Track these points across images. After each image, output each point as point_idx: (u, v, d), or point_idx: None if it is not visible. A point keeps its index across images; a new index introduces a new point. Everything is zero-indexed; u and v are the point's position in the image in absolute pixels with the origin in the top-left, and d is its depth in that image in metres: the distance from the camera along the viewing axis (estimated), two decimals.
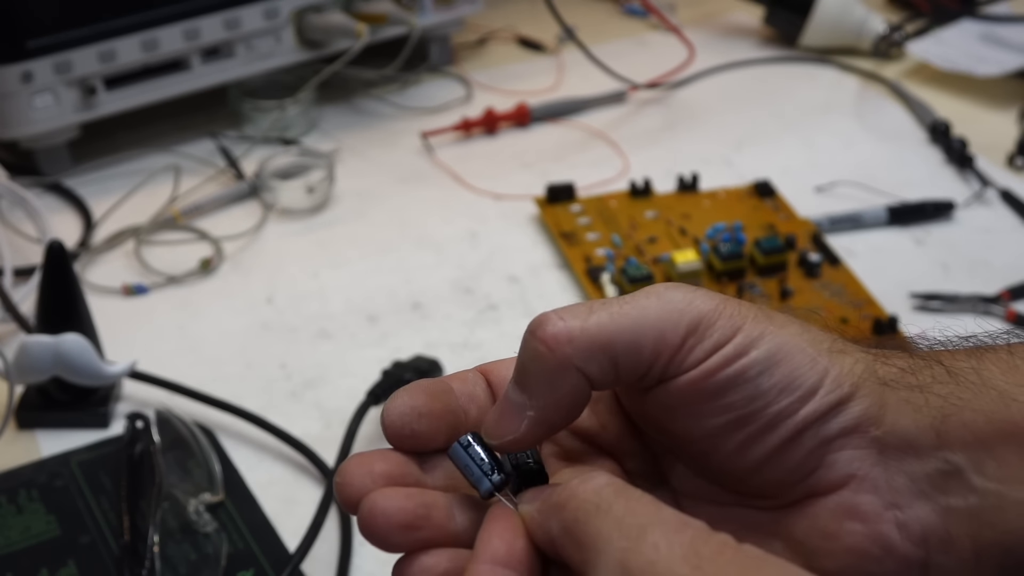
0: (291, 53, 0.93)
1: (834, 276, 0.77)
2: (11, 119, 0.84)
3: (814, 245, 0.80)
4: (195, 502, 0.60)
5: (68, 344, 0.63)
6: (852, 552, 0.34)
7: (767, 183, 0.86)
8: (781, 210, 0.84)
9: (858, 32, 1.06)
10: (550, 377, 0.35)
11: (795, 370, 0.35)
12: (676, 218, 0.83)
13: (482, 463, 0.35)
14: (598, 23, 1.13)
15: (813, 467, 0.35)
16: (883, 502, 0.35)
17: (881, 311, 0.74)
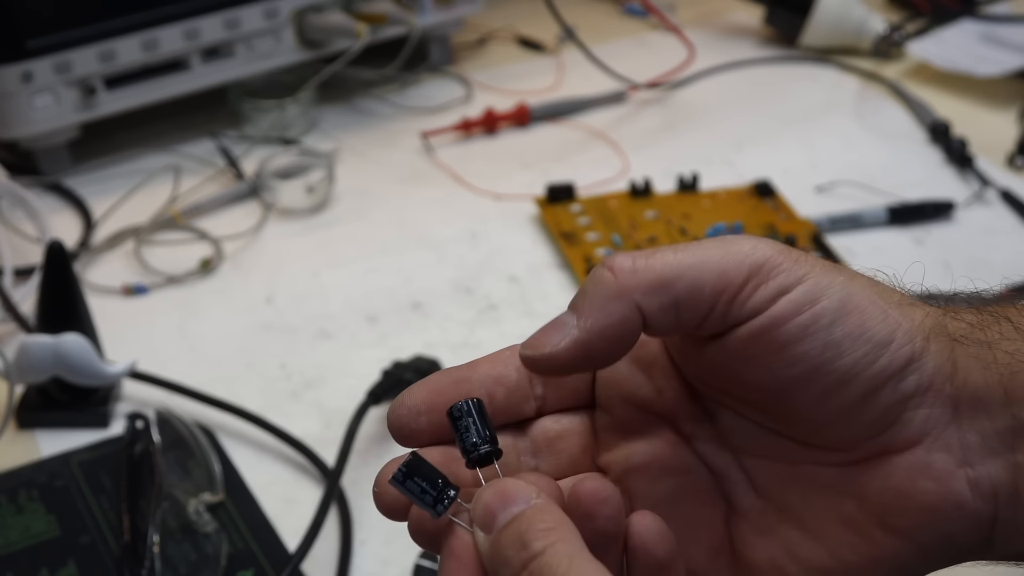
0: (291, 53, 0.93)
1: None
2: (11, 119, 0.84)
3: (814, 245, 0.80)
4: (195, 502, 0.60)
5: (68, 344, 0.63)
6: (924, 509, 0.34)
7: (767, 183, 0.86)
8: (781, 210, 0.84)
9: (858, 32, 1.06)
10: (605, 302, 0.34)
11: (866, 321, 0.35)
12: (676, 218, 0.83)
13: (422, 493, 0.34)
14: (598, 23, 1.13)
15: (889, 423, 0.35)
16: (955, 460, 0.34)
17: None
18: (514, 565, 0.32)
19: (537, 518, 0.32)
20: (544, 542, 0.31)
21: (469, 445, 0.35)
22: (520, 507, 0.33)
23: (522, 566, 0.31)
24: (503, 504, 0.33)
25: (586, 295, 0.35)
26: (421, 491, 0.34)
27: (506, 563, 0.32)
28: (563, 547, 0.31)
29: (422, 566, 0.58)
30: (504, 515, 0.33)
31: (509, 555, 0.32)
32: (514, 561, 0.32)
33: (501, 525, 0.33)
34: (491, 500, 0.33)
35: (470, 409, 0.35)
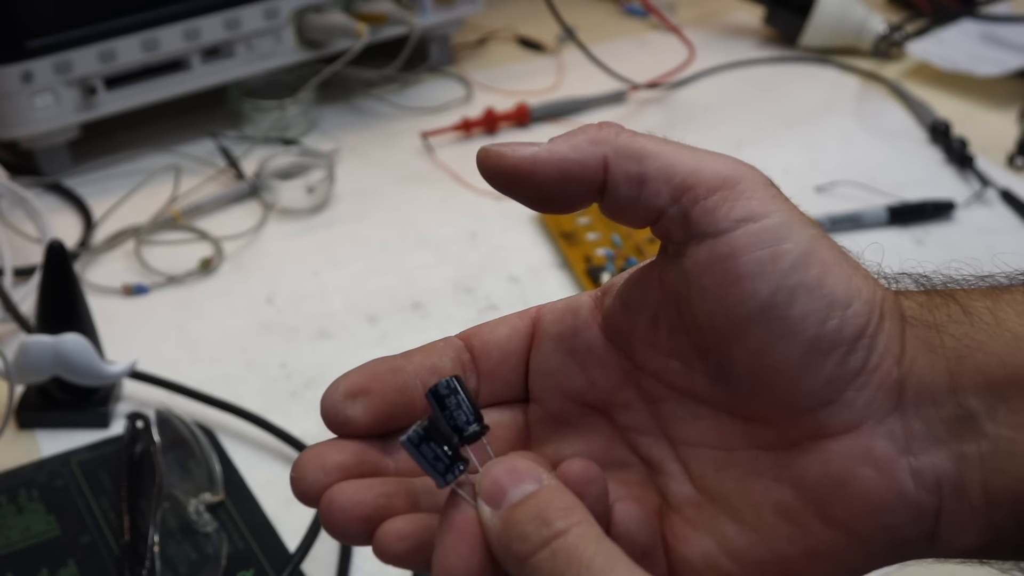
0: (291, 53, 0.93)
1: None
2: (11, 119, 0.84)
3: None
4: (195, 502, 0.60)
5: (68, 344, 0.63)
6: (864, 499, 0.33)
7: None
8: None
9: (858, 32, 1.06)
10: (579, 141, 0.35)
11: (827, 278, 0.33)
12: None
13: (435, 459, 0.33)
14: (598, 23, 1.13)
15: (829, 399, 0.33)
16: (898, 448, 0.33)
17: None
18: (534, 541, 0.31)
19: (555, 498, 0.32)
20: (567, 522, 0.31)
21: (461, 423, 0.34)
22: (533, 486, 0.32)
23: (543, 543, 0.31)
24: (514, 481, 0.32)
25: (567, 133, 0.35)
26: (435, 457, 0.33)
27: (524, 539, 0.31)
28: (588, 528, 0.31)
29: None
30: (516, 492, 0.32)
31: (528, 531, 0.31)
32: (534, 537, 0.31)
33: (512, 502, 0.32)
34: (501, 476, 0.32)
35: (456, 387, 0.34)
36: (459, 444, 0.34)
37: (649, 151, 0.34)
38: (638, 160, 0.34)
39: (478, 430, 0.34)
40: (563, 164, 0.34)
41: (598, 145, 0.34)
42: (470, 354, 0.38)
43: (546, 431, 0.38)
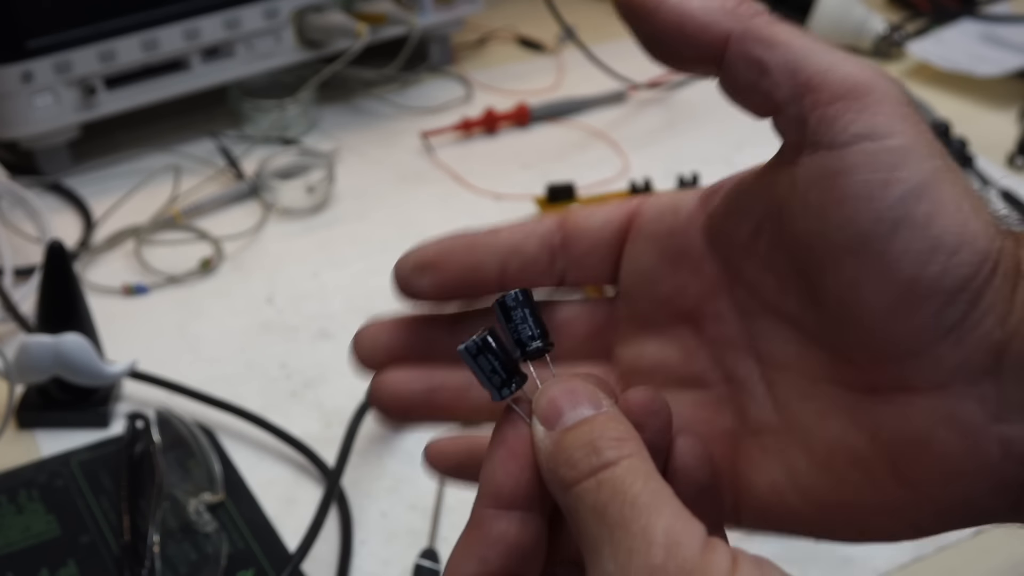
0: (291, 53, 0.93)
1: None
2: (11, 119, 0.84)
3: None
4: (195, 502, 0.60)
5: (68, 344, 0.63)
6: (942, 464, 0.30)
7: None
8: None
9: (858, 32, 1.07)
10: (712, 4, 0.32)
11: (939, 218, 0.30)
12: None
13: (492, 372, 0.32)
14: (598, 23, 1.13)
15: (918, 349, 0.30)
16: (988, 415, 0.30)
17: None
18: (581, 469, 0.29)
19: (609, 426, 0.30)
20: (617, 453, 0.29)
21: (524, 338, 0.33)
22: (589, 410, 0.31)
23: (591, 472, 0.29)
24: (572, 403, 0.31)
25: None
26: (492, 370, 0.32)
27: (572, 465, 0.30)
28: (638, 463, 0.29)
29: (422, 566, 0.58)
30: (572, 415, 0.31)
31: (577, 457, 0.30)
32: (582, 465, 0.29)
33: (566, 425, 0.31)
34: (559, 396, 0.31)
35: (524, 300, 0.33)
36: (520, 359, 0.33)
37: (780, 40, 0.31)
38: (766, 46, 0.32)
39: (541, 347, 0.33)
40: (684, 18, 0.32)
41: (727, 16, 0.32)
42: (561, 236, 0.37)
43: (631, 330, 0.36)
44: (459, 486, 0.36)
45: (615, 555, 0.28)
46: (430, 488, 0.63)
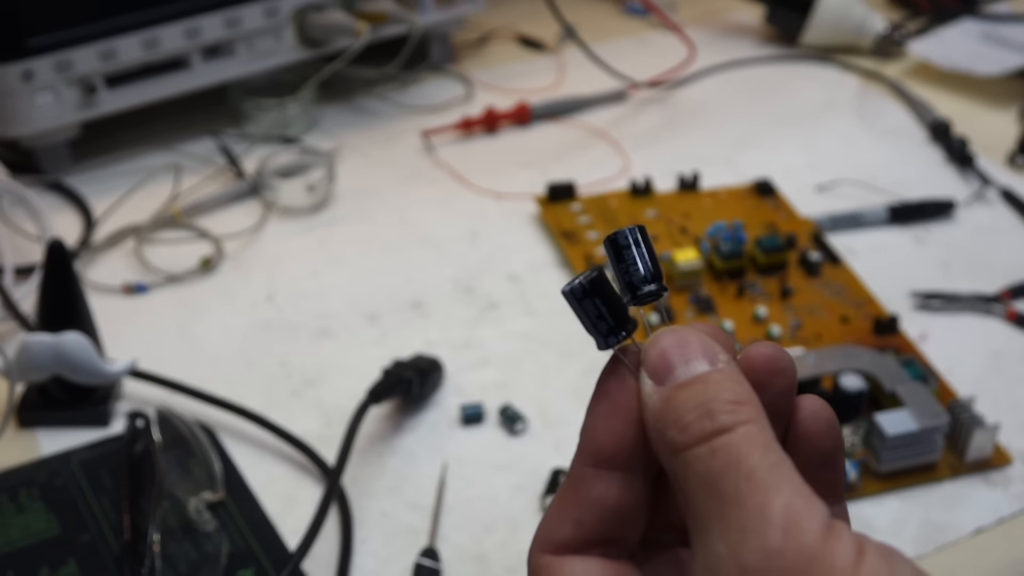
0: (292, 52, 0.93)
1: (835, 275, 0.77)
2: (12, 117, 0.84)
3: (815, 244, 0.80)
4: (195, 501, 0.60)
5: (69, 343, 0.63)
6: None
7: (767, 182, 0.86)
8: (781, 209, 0.84)
9: (859, 31, 1.06)
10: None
11: None
12: (677, 217, 0.83)
13: (598, 318, 0.29)
14: (599, 22, 1.13)
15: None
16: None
17: (881, 310, 0.74)
18: (692, 433, 0.27)
19: (725, 387, 0.28)
20: (733, 418, 0.27)
21: (636, 280, 0.29)
22: (704, 366, 0.28)
23: (702, 437, 0.27)
24: (684, 357, 0.28)
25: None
26: (598, 316, 0.29)
27: (682, 427, 0.27)
28: (755, 431, 0.27)
29: (422, 565, 0.58)
30: (684, 370, 0.28)
31: (687, 420, 0.27)
32: (693, 428, 0.27)
33: (677, 381, 0.28)
34: (670, 348, 0.29)
35: (639, 239, 0.29)
36: (630, 303, 0.30)
37: None
38: None
39: (655, 290, 0.30)
40: None
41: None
42: None
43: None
44: None
45: (726, 534, 0.26)
46: (430, 487, 0.63)
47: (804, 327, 0.72)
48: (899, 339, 0.72)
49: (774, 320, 0.73)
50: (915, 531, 0.61)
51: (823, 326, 0.73)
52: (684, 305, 0.74)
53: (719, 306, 0.74)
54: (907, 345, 0.71)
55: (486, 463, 0.65)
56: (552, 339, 0.74)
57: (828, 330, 0.72)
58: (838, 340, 0.71)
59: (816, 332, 0.72)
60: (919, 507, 0.62)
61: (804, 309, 0.74)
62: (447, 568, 0.59)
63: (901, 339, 0.72)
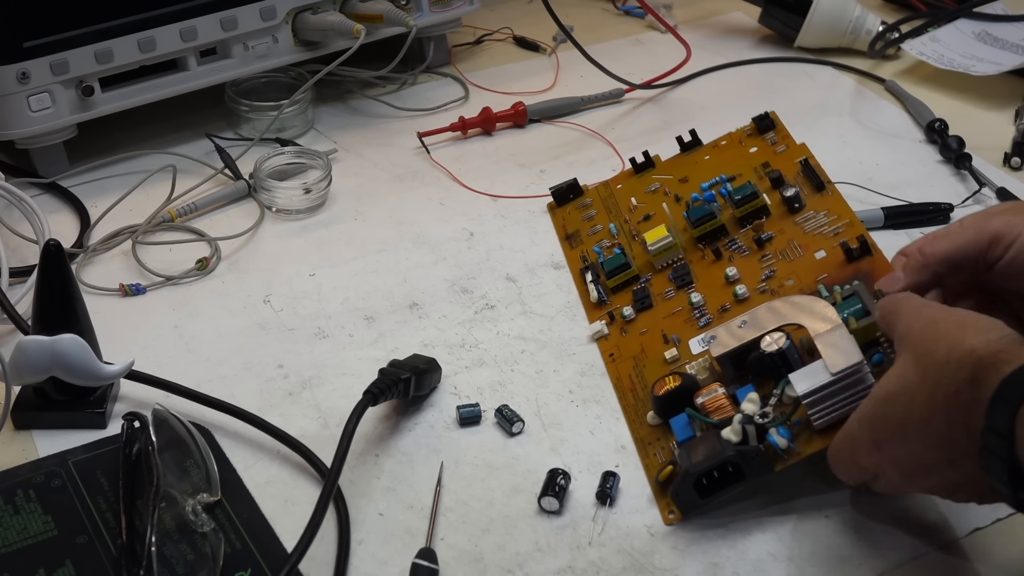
0: (288, 53, 0.93)
1: (819, 204, 0.74)
2: (8, 119, 0.84)
3: (802, 170, 0.77)
4: (192, 502, 0.60)
5: (65, 344, 0.63)
6: None
7: (766, 115, 0.83)
8: (781, 141, 0.81)
9: (855, 32, 1.07)
10: (917, 271, 0.61)
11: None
12: (673, 187, 0.81)
13: None
14: (595, 23, 1.13)
15: None
16: None
17: (862, 230, 0.70)
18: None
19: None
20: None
21: None
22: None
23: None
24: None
25: (906, 267, 0.61)
26: None
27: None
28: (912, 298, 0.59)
29: (419, 565, 0.58)
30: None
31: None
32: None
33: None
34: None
35: None
36: None
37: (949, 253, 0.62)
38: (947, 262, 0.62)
39: None
40: (919, 286, 0.61)
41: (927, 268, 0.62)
42: None
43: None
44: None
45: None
46: (427, 488, 0.63)
47: (776, 276, 0.70)
48: (873, 261, 0.68)
49: (744, 279, 0.71)
50: (913, 531, 0.61)
51: (796, 268, 0.70)
52: (665, 284, 0.74)
53: (696, 276, 0.73)
54: (883, 264, 0.68)
55: (483, 464, 0.65)
56: (549, 340, 0.74)
57: (801, 271, 0.70)
58: (812, 278, 0.69)
59: (786, 276, 0.70)
60: (916, 508, 0.62)
61: (780, 255, 0.72)
62: (444, 569, 0.59)
63: (876, 260, 0.68)
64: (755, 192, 0.75)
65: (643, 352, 0.71)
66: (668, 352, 0.69)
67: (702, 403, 0.62)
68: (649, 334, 0.72)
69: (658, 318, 0.72)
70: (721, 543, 0.60)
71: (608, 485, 0.62)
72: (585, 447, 0.66)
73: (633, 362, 0.71)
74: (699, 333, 0.69)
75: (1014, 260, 0.59)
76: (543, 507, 0.62)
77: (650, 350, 0.70)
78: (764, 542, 0.60)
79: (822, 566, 0.59)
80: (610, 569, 0.59)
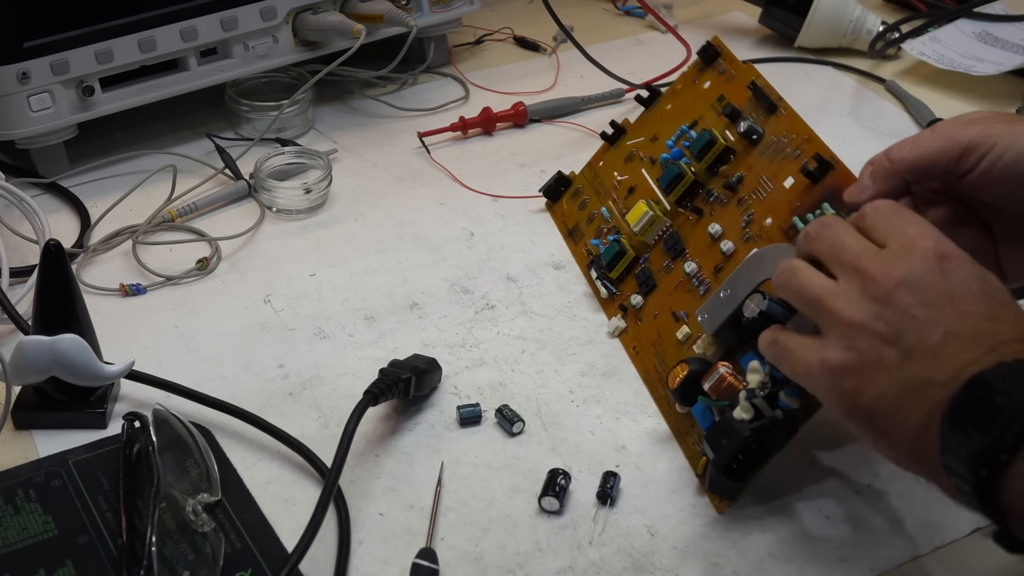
0: (288, 53, 0.93)
1: (776, 126, 0.72)
2: (8, 119, 0.84)
3: (753, 95, 0.74)
4: (193, 502, 0.60)
5: (65, 344, 0.63)
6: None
7: (709, 44, 0.80)
8: (730, 67, 0.78)
9: (855, 31, 1.07)
10: (886, 176, 0.62)
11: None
12: (646, 150, 0.81)
13: None
14: (595, 23, 1.13)
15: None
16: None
17: (821, 147, 0.70)
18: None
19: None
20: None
21: None
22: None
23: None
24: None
25: (873, 175, 0.62)
26: None
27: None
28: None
29: (420, 565, 0.58)
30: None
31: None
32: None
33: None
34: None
35: None
36: None
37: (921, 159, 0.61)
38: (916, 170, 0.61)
39: None
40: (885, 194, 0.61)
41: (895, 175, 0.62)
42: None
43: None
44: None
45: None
46: (428, 488, 0.63)
47: (755, 219, 0.69)
48: (838, 175, 0.68)
49: (728, 234, 0.70)
50: (913, 531, 0.61)
51: (770, 205, 0.69)
52: (662, 257, 0.74)
53: (687, 241, 0.73)
54: (847, 177, 0.67)
55: (483, 464, 0.65)
56: (549, 340, 0.74)
57: (775, 207, 0.69)
58: (786, 212, 0.67)
59: (763, 216, 0.69)
60: (917, 507, 0.62)
61: (753, 194, 0.71)
62: (444, 569, 0.59)
63: (840, 174, 0.68)
64: (712, 139, 0.74)
65: (660, 338, 0.71)
66: (680, 331, 0.69)
67: (708, 389, 0.62)
68: (660, 317, 0.72)
69: (664, 296, 0.72)
70: (721, 543, 0.60)
71: (608, 485, 0.62)
72: (585, 447, 0.66)
73: (654, 351, 0.71)
74: (701, 303, 0.68)
75: (987, 172, 0.58)
76: (543, 507, 0.62)
77: (665, 334, 0.71)
78: (764, 542, 0.60)
79: (822, 566, 0.59)
80: (610, 569, 0.59)
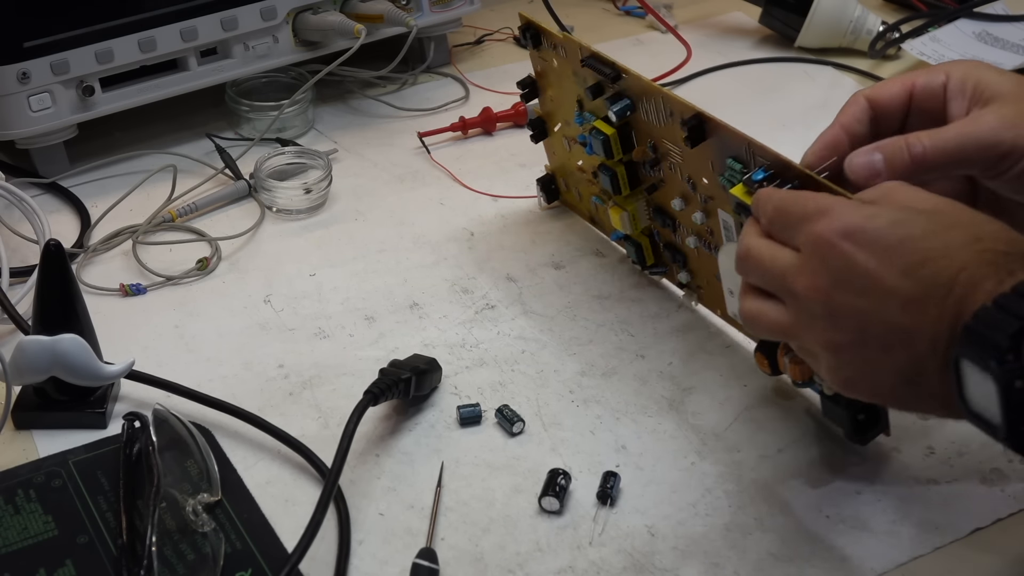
0: (288, 53, 0.94)
1: (636, 89, 0.71)
2: (8, 119, 0.84)
3: (592, 70, 0.72)
4: (193, 502, 0.60)
5: (66, 344, 0.63)
6: None
7: (527, 26, 0.78)
8: (557, 43, 0.76)
9: (855, 31, 1.07)
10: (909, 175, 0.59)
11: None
12: (569, 132, 0.80)
13: None
14: (595, 23, 1.13)
15: None
16: None
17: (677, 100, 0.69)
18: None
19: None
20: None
21: None
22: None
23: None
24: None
25: (890, 168, 0.58)
26: None
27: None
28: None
29: (420, 565, 0.58)
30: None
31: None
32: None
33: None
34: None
35: None
36: None
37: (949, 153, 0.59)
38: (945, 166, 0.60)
39: None
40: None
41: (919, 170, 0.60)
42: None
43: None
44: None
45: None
46: (428, 488, 0.63)
47: (695, 184, 0.69)
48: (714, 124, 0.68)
49: (690, 204, 0.70)
50: (913, 531, 0.61)
51: (691, 167, 0.69)
52: (669, 233, 0.74)
53: (673, 215, 0.72)
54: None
55: (483, 464, 0.65)
56: (550, 340, 0.74)
57: (697, 168, 0.69)
58: (708, 168, 0.68)
59: (699, 178, 0.69)
60: (917, 507, 0.62)
61: (673, 167, 0.70)
62: (444, 569, 0.59)
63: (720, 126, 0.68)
64: (604, 138, 0.72)
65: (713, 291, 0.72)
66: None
67: (790, 380, 0.64)
68: (711, 281, 0.72)
69: (697, 264, 0.73)
70: (721, 543, 0.60)
71: (609, 485, 0.62)
72: (585, 447, 0.66)
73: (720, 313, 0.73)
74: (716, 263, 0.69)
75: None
76: (543, 507, 0.62)
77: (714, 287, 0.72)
78: (764, 542, 0.60)
79: (822, 566, 0.59)
80: (610, 569, 0.59)
